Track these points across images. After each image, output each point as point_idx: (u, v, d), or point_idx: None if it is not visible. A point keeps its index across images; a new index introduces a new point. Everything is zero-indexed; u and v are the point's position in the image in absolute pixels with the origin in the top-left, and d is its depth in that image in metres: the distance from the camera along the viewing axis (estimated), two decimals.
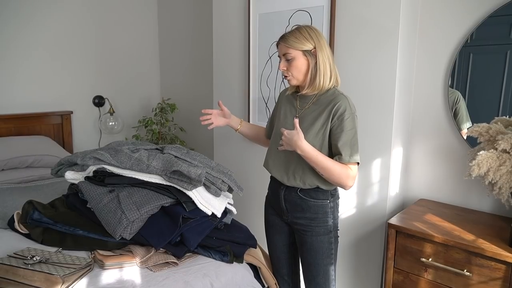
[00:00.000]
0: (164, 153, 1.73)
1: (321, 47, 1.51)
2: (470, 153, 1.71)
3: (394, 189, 2.00)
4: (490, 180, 1.51)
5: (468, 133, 1.67)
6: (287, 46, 1.50)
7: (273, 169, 1.66)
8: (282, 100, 1.71)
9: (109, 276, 1.40)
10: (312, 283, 1.64)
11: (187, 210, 1.58)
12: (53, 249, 1.52)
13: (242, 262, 1.65)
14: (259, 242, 1.83)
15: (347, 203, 2.07)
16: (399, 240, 1.73)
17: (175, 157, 1.71)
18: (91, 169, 1.69)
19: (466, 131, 1.69)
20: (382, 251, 1.98)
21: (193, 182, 1.58)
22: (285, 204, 1.63)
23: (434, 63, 1.96)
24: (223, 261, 1.59)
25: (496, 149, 1.51)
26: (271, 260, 1.82)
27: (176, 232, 1.53)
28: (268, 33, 2.28)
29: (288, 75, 1.55)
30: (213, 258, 1.60)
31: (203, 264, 1.55)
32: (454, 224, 1.71)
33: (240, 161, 2.58)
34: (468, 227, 1.68)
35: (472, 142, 1.78)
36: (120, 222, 1.48)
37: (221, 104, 1.83)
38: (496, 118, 1.74)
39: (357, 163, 1.50)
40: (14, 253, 1.42)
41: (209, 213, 1.62)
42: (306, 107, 1.58)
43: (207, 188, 1.66)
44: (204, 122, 1.78)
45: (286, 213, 1.64)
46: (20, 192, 2.16)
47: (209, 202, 1.63)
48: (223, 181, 1.68)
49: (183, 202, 1.59)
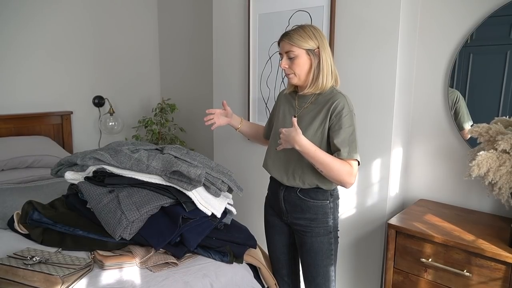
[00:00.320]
0: (164, 154, 1.73)
1: (324, 47, 1.51)
2: (470, 153, 1.71)
3: (394, 189, 2.00)
4: (490, 180, 1.51)
5: (468, 133, 1.67)
6: (291, 43, 1.49)
7: (272, 169, 1.65)
8: (281, 100, 1.71)
9: (108, 276, 1.40)
10: (312, 283, 1.64)
11: (186, 211, 1.58)
12: (52, 250, 1.52)
13: (242, 263, 1.65)
14: (259, 243, 1.82)
15: (347, 203, 2.07)
16: (399, 240, 1.72)
17: (175, 157, 1.71)
18: (91, 169, 1.69)
19: (468, 129, 1.68)
20: (382, 252, 1.98)
21: (193, 183, 1.58)
22: (284, 205, 1.63)
23: (434, 63, 1.95)
24: (223, 261, 1.59)
25: (496, 149, 1.51)
26: (271, 260, 1.81)
27: (176, 232, 1.53)
28: (268, 33, 2.28)
29: (290, 73, 1.53)
30: (213, 258, 1.60)
31: (203, 265, 1.55)
32: (454, 225, 1.71)
33: (240, 161, 2.58)
34: (468, 227, 1.68)
35: (472, 143, 1.78)
36: (120, 222, 1.48)
37: (225, 104, 1.83)
38: (496, 118, 1.74)
39: (357, 161, 1.48)
40: (14, 254, 1.42)
41: (209, 213, 1.62)
42: (305, 106, 1.57)
43: (207, 188, 1.65)
44: (207, 122, 1.78)
45: (286, 213, 1.64)
46: (20, 192, 2.16)
47: (209, 203, 1.63)
48: (223, 181, 1.68)
49: (183, 203, 1.59)
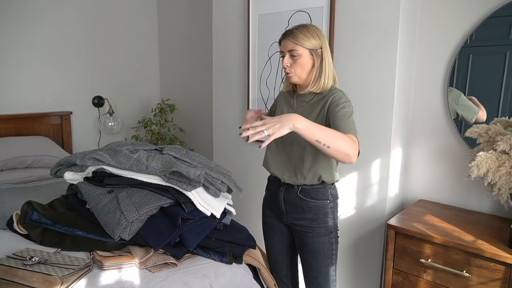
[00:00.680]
0: (163, 154, 1.73)
1: (326, 48, 1.51)
2: (469, 154, 1.71)
3: (393, 190, 2.00)
4: (490, 181, 1.51)
5: (467, 134, 1.67)
6: (295, 42, 1.47)
7: (273, 167, 1.65)
8: (280, 99, 1.70)
9: (108, 277, 1.40)
10: (313, 284, 1.64)
11: (186, 211, 1.58)
12: (52, 250, 1.51)
13: (241, 263, 1.65)
14: (258, 243, 1.82)
15: (346, 203, 2.07)
16: (398, 240, 1.72)
17: (174, 157, 1.71)
18: (90, 169, 1.69)
19: (468, 130, 1.68)
20: (381, 252, 1.98)
21: (192, 183, 1.57)
22: (284, 206, 1.63)
23: (433, 63, 1.96)
24: (222, 262, 1.59)
25: (496, 150, 1.51)
26: (270, 262, 1.81)
27: (175, 232, 1.53)
28: (268, 33, 2.28)
29: (291, 72, 1.52)
30: (212, 259, 1.59)
31: (202, 265, 1.55)
32: (453, 225, 1.71)
33: (239, 161, 2.58)
34: (467, 228, 1.68)
35: (472, 143, 1.78)
36: (119, 222, 1.48)
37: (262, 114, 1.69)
38: (496, 119, 1.74)
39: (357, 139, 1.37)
40: (13, 254, 1.42)
41: (208, 213, 1.62)
42: (303, 105, 1.57)
43: (206, 188, 1.65)
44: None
45: (286, 214, 1.64)
46: (19, 192, 2.16)
47: (208, 203, 1.63)
48: (222, 181, 1.68)
49: (182, 203, 1.59)
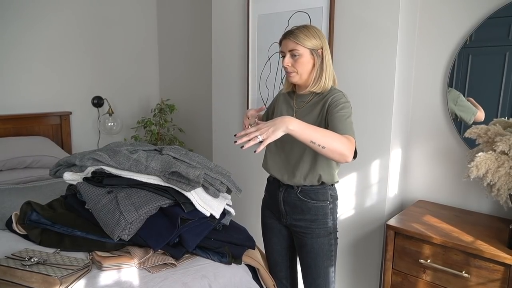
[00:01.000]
0: (163, 154, 1.73)
1: (326, 48, 1.51)
2: (468, 155, 1.71)
3: (392, 190, 2.00)
4: (489, 181, 1.51)
5: (466, 134, 1.67)
6: (296, 42, 1.47)
7: (272, 168, 1.65)
8: (279, 99, 1.70)
9: (107, 277, 1.40)
10: (312, 285, 1.64)
11: (185, 211, 1.58)
12: (51, 250, 1.51)
13: (240, 263, 1.65)
14: (257, 244, 1.82)
15: (345, 204, 2.07)
16: (397, 241, 1.72)
17: (174, 158, 1.71)
18: (89, 170, 1.69)
19: (467, 131, 1.68)
20: (380, 252, 1.98)
21: (192, 183, 1.57)
22: (284, 207, 1.63)
23: (433, 64, 1.96)
24: (221, 262, 1.59)
25: (495, 150, 1.51)
26: (269, 263, 1.80)
27: (175, 233, 1.53)
28: (268, 34, 2.28)
29: (292, 71, 1.52)
30: (212, 259, 1.59)
31: (202, 265, 1.55)
32: (452, 226, 1.71)
33: (239, 162, 2.57)
34: (466, 228, 1.68)
35: (471, 144, 1.78)
36: (119, 223, 1.48)
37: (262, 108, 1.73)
38: (495, 119, 1.74)
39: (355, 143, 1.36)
40: (12, 254, 1.41)
41: (208, 214, 1.62)
42: (303, 106, 1.57)
43: (206, 189, 1.65)
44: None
45: (285, 215, 1.64)
46: (19, 192, 2.15)
47: (207, 203, 1.63)
48: (221, 182, 1.68)
49: (182, 203, 1.59)
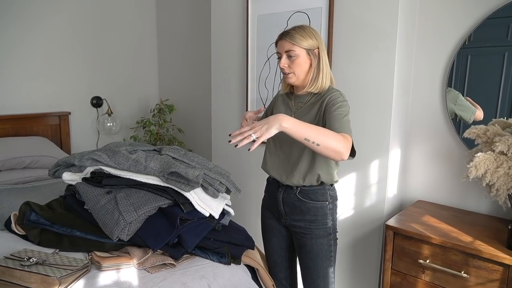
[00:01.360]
0: (162, 154, 1.73)
1: (322, 48, 1.51)
2: (467, 155, 1.71)
3: (392, 191, 2.00)
4: (488, 181, 1.51)
5: (466, 134, 1.67)
6: (292, 43, 1.47)
7: (271, 169, 1.65)
8: (277, 100, 1.70)
9: (106, 277, 1.40)
10: (311, 285, 1.64)
11: (184, 212, 1.58)
12: (50, 251, 1.51)
13: (239, 264, 1.64)
14: (257, 244, 1.82)
15: (345, 204, 2.07)
16: (396, 241, 1.73)
17: (173, 158, 1.71)
18: (88, 170, 1.69)
19: (466, 131, 1.68)
20: (380, 253, 1.98)
21: (191, 184, 1.57)
22: (283, 207, 1.63)
23: (432, 64, 1.96)
24: (220, 262, 1.59)
25: (494, 151, 1.51)
26: (268, 264, 1.80)
27: (174, 233, 1.52)
28: (267, 34, 2.28)
29: (289, 72, 1.51)
30: (211, 259, 1.59)
31: (201, 266, 1.55)
32: (451, 226, 1.71)
33: (238, 162, 2.57)
34: (465, 228, 1.68)
35: (470, 144, 1.78)
36: (118, 223, 1.48)
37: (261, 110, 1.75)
38: (494, 120, 1.74)
39: (352, 141, 1.35)
40: (11, 255, 1.41)
41: (207, 214, 1.62)
42: (301, 107, 1.57)
43: (205, 189, 1.65)
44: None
45: (285, 216, 1.63)
46: (17, 193, 2.15)
47: (206, 204, 1.63)
48: (221, 182, 1.68)
49: (181, 204, 1.59)
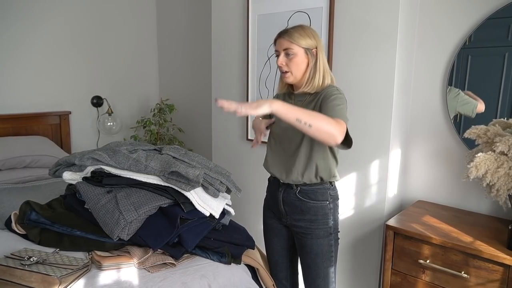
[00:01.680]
0: (162, 154, 1.73)
1: (321, 48, 1.51)
2: (468, 155, 1.71)
3: (392, 191, 2.00)
4: (488, 182, 1.51)
5: (466, 134, 1.67)
6: (290, 41, 1.47)
7: (271, 166, 1.64)
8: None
9: (106, 277, 1.40)
10: (312, 285, 1.64)
11: (185, 211, 1.58)
12: (50, 250, 1.51)
13: (240, 263, 1.65)
14: (257, 243, 1.82)
15: (345, 204, 2.07)
16: (397, 241, 1.73)
17: (173, 158, 1.71)
18: (89, 169, 1.69)
19: (467, 131, 1.67)
20: (380, 253, 1.98)
21: (191, 183, 1.57)
22: (284, 207, 1.62)
23: (432, 65, 1.96)
24: (221, 262, 1.59)
25: (494, 151, 1.51)
26: (269, 264, 1.80)
27: (174, 233, 1.53)
28: (267, 34, 2.28)
29: (287, 71, 1.51)
30: (211, 259, 1.59)
31: (201, 265, 1.55)
32: (452, 226, 1.71)
33: (238, 162, 2.57)
34: (466, 229, 1.68)
35: (470, 144, 1.78)
36: (118, 222, 1.48)
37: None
38: (494, 120, 1.74)
39: (346, 127, 1.34)
40: (11, 254, 1.41)
41: (207, 214, 1.62)
42: (301, 105, 1.56)
43: (205, 189, 1.65)
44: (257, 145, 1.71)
45: (285, 215, 1.63)
46: (18, 192, 2.15)
47: (207, 203, 1.63)
48: (221, 182, 1.68)
49: (181, 203, 1.59)
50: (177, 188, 1.60)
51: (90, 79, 3.23)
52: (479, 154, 1.51)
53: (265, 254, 1.84)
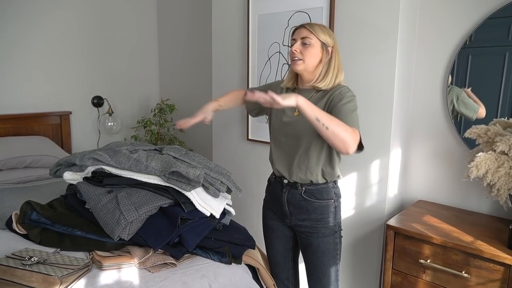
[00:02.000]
0: (163, 154, 1.73)
1: (337, 49, 1.53)
2: (468, 155, 1.71)
3: (392, 191, 2.00)
4: (489, 181, 1.51)
5: (466, 134, 1.67)
6: (310, 31, 1.48)
7: (277, 163, 1.63)
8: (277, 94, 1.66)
9: (107, 277, 1.40)
10: (317, 284, 1.63)
11: (185, 211, 1.58)
12: (51, 250, 1.51)
13: (240, 263, 1.65)
14: (257, 243, 1.82)
15: (346, 204, 2.07)
16: (397, 241, 1.73)
17: (174, 158, 1.71)
18: (89, 169, 1.69)
19: (467, 131, 1.67)
20: (380, 253, 1.98)
21: (192, 183, 1.57)
22: (288, 208, 1.62)
23: (433, 64, 1.96)
24: (221, 262, 1.59)
25: (495, 150, 1.51)
26: (270, 265, 1.80)
27: (175, 233, 1.53)
28: (268, 34, 2.28)
29: (299, 58, 1.49)
30: (212, 259, 1.59)
31: (202, 265, 1.55)
32: (452, 226, 1.71)
33: (239, 162, 2.57)
34: (466, 228, 1.68)
35: (471, 144, 1.78)
36: (119, 222, 1.48)
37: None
38: (495, 119, 1.74)
39: (359, 136, 1.39)
40: (12, 254, 1.41)
41: (208, 214, 1.62)
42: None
43: (206, 189, 1.65)
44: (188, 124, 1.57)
45: (290, 216, 1.63)
46: (18, 192, 2.15)
47: (207, 203, 1.63)
48: (221, 182, 1.68)
49: (182, 203, 1.59)
50: (177, 188, 1.60)
51: (90, 79, 3.23)
52: (479, 154, 1.51)
53: (265, 254, 1.84)
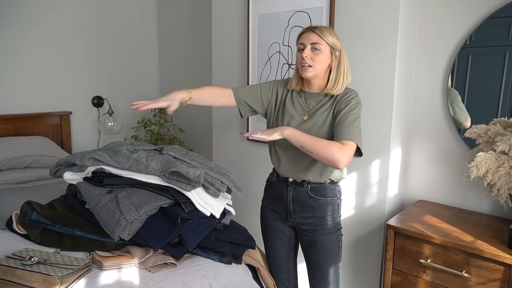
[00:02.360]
0: (163, 154, 1.73)
1: (344, 53, 1.54)
2: (468, 154, 1.71)
3: (393, 190, 2.00)
4: (489, 181, 1.51)
5: (467, 134, 1.67)
6: (320, 36, 1.47)
7: (285, 166, 1.62)
8: (285, 98, 1.64)
9: (107, 277, 1.40)
10: (321, 282, 1.64)
11: (185, 211, 1.58)
12: (51, 250, 1.51)
13: (240, 263, 1.65)
14: (257, 243, 1.82)
15: (346, 204, 2.06)
16: (397, 241, 1.73)
17: (174, 158, 1.70)
18: (89, 169, 1.69)
19: (468, 130, 1.67)
20: (380, 252, 1.98)
21: (192, 183, 1.57)
22: (293, 206, 1.62)
23: (433, 64, 1.96)
24: (221, 262, 1.59)
25: (495, 150, 1.51)
26: (271, 266, 1.79)
27: (175, 233, 1.53)
28: (268, 34, 2.28)
29: (310, 65, 1.49)
30: (212, 259, 1.59)
31: (202, 265, 1.55)
32: (452, 225, 1.71)
33: (239, 162, 2.57)
34: (466, 228, 1.68)
35: (471, 144, 1.78)
36: (119, 222, 1.48)
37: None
38: (495, 119, 1.74)
39: (355, 144, 1.43)
40: (12, 254, 1.41)
41: (208, 214, 1.62)
42: (314, 106, 1.57)
43: (206, 189, 1.65)
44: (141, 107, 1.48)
45: (293, 214, 1.63)
46: (18, 192, 2.15)
47: (207, 203, 1.63)
48: (221, 182, 1.68)
49: (182, 203, 1.59)
50: (177, 188, 1.60)
51: (90, 79, 3.23)
52: (479, 154, 1.51)
53: (265, 253, 1.84)
